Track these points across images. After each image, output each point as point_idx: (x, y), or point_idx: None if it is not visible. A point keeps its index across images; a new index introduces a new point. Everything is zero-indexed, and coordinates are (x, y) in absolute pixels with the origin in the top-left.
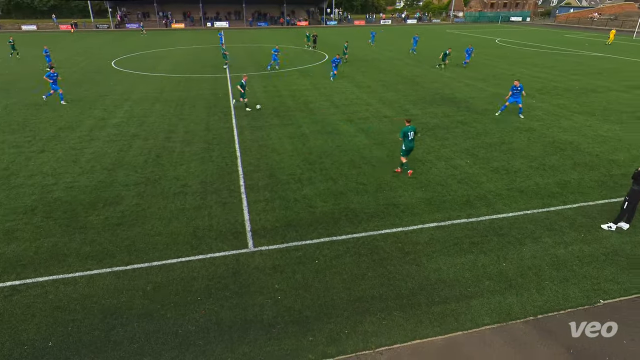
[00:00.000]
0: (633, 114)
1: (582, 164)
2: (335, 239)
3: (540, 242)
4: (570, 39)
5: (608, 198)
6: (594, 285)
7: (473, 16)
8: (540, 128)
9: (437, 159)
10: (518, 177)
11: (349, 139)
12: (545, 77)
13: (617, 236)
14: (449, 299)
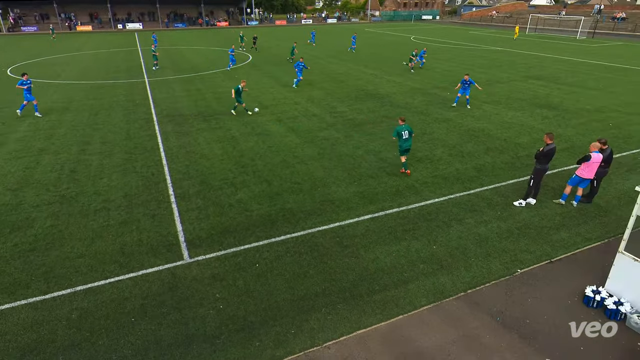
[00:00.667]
0: (531, 102)
1: (494, 149)
2: (275, 241)
3: (464, 223)
4: (474, 35)
5: (517, 177)
6: (512, 257)
7: (388, 15)
8: (456, 118)
9: (366, 153)
10: (440, 165)
11: (280, 139)
12: (457, 70)
13: (527, 211)
14: (388, 286)
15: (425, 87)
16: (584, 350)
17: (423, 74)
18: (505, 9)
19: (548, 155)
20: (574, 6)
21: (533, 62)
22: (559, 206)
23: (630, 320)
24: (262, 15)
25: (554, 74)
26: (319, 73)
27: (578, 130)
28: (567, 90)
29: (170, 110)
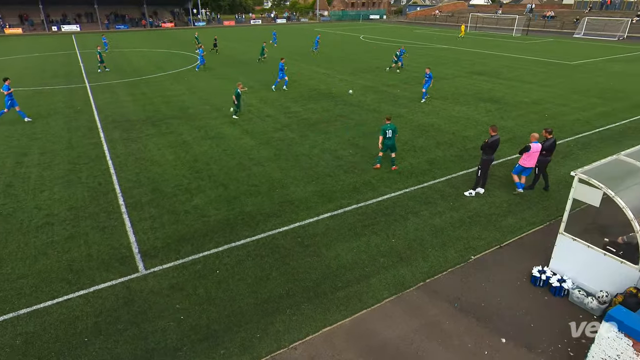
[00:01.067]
0: (475, 96)
1: (444, 143)
2: (235, 245)
3: (420, 215)
4: (420, 33)
5: (466, 169)
6: (466, 244)
7: (337, 15)
8: (407, 114)
9: (322, 152)
10: (395, 160)
11: (234, 142)
12: (405, 68)
13: (476, 200)
14: (350, 282)
15: (376, 85)
16: (534, 326)
17: (374, 72)
18: (447, 8)
19: (492, 146)
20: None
21: (476, 58)
22: (506, 194)
23: (572, 296)
24: (209, 15)
25: (495, 69)
26: (272, 73)
27: (518, 121)
28: (507, 84)
29: (115, 116)
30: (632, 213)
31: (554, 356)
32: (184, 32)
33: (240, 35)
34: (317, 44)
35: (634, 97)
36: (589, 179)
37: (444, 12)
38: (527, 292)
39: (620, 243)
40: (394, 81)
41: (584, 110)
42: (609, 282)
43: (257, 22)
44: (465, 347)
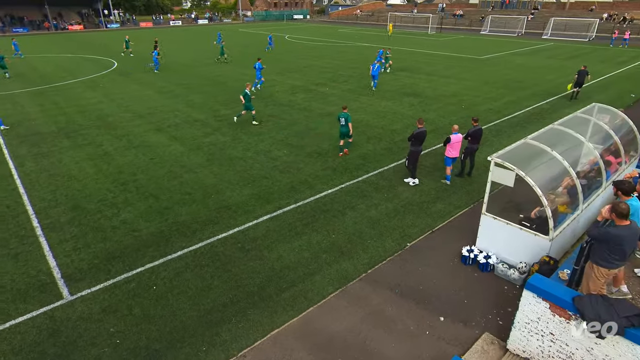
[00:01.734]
0: (399, 91)
1: (373, 137)
2: (171, 258)
3: (357, 209)
4: (343, 32)
5: (396, 161)
6: (401, 233)
7: (261, 15)
8: (337, 112)
9: (257, 154)
10: (329, 158)
11: (162, 150)
12: (332, 67)
13: (408, 190)
14: (295, 282)
15: (305, 84)
16: (467, 302)
17: (301, 72)
18: (367, 7)
19: (419, 138)
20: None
21: (397, 55)
22: (433, 182)
23: (497, 270)
24: (122, 17)
25: (415, 65)
26: (197, 76)
27: (439, 113)
28: (427, 79)
29: (21, 129)
30: (540, 190)
31: (486, 327)
32: (95, 35)
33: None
34: (272, 42)
35: (533, 86)
36: (503, 162)
37: (365, 12)
38: (459, 271)
39: (533, 217)
40: (322, 79)
41: (494, 100)
42: (526, 253)
43: (176, 23)
44: (408, 330)
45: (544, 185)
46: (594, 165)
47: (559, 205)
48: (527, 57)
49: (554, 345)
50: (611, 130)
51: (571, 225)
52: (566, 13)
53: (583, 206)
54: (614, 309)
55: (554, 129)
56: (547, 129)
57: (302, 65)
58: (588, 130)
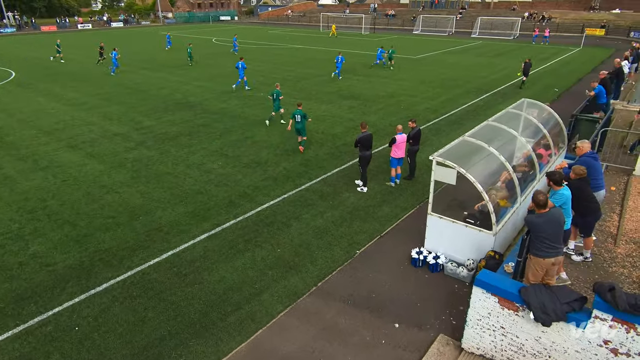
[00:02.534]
0: (337, 94)
1: (314, 142)
2: (95, 292)
3: (302, 219)
4: (275, 34)
5: (339, 166)
6: (349, 240)
7: (183, 17)
8: (274, 117)
9: (188, 168)
10: (269, 167)
11: (77, 170)
12: (265, 70)
13: (353, 196)
14: (241, 304)
15: (237, 90)
16: (420, 305)
17: (233, 76)
18: (298, 8)
19: (363, 142)
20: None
21: (332, 57)
22: (378, 185)
23: (446, 269)
24: (19, 20)
25: (351, 67)
26: (114, 85)
27: (379, 115)
28: (364, 80)
29: None
30: (481, 186)
31: (441, 328)
32: (101, 40)
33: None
34: (236, 45)
35: (467, 84)
36: (444, 160)
37: (296, 12)
38: (410, 274)
39: (476, 211)
40: (256, 83)
41: (431, 99)
42: (472, 250)
43: (86, 26)
44: (364, 342)
45: (484, 181)
46: (527, 159)
47: (499, 200)
48: (459, 55)
49: (505, 339)
50: (540, 124)
51: (512, 218)
52: (491, 12)
53: (521, 199)
54: (556, 296)
55: (489, 125)
56: (483, 125)
57: (233, 70)
58: (520, 125)
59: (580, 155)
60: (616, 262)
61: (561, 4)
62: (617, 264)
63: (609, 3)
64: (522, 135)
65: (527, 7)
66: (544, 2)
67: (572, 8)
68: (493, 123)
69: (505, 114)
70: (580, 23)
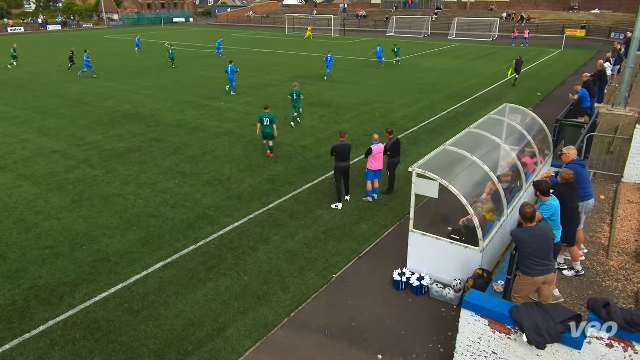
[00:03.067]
0: (305, 101)
1: (282, 156)
2: (31, 336)
3: (271, 242)
4: (236, 38)
5: (311, 181)
6: (325, 264)
7: (131, 19)
8: (237, 129)
9: (140, 188)
10: (232, 184)
11: (7, 193)
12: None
13: (327, 213)
14: (203, 341)
15: (195, 99)
16: (405, 333)
17: (191, 85)
18: (261, 9)
19: (338, 151)
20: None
21: (299, 62)
22: (354, 201)
23: (432, 291)
24: None
25: (320, 71)
26: (51, 96)
27: (352, 124)
28: (335, 86)
29: None
30: (465, 199)
31: (428, 357)
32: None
33: None
34: (220, 47)
35: (446, 89)
36: (425, 172)
37: (259, 14)
38: (392, 299)
39: (461, 226)
40: (215, 93)
41: (409, 107)
42: (459, 269)
43: (17, 29)
44: None
45: (468, 193)
46: (512, 168)
47: (485, 213)
48: (436, 58)
49: None
50: (524, 131)
51: (499, 232)
52: (468, 13)
53: (507, 211)
54: (549, 315)
55: (470, 133)
56: (465, 133)
57: (190, 77)
58: (503, 132)
59: (567, 162)
60: (609, 276)
61: (540, 4)
62: (611, 278)
63: (588, 3)
64: (506, 143)
65: (505, 7)
66: (522, 2)
67: (551, 8)
68: (475, 130)
69: (488, 120)
70: (560, 24)
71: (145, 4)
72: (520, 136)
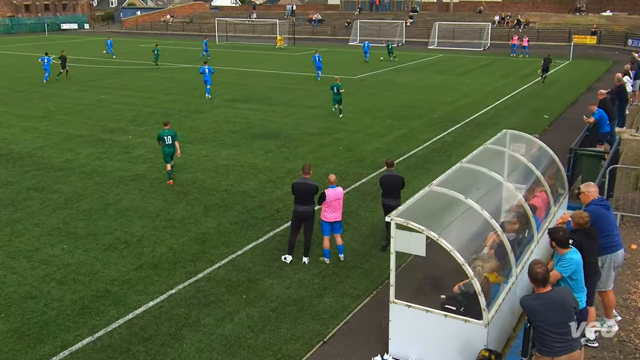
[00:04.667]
0: (246, 132)
1: (214, 206)
2: None
3: (202, 326)
4: (147, 49)
5: (255, 239)
6: (277, 354)
7: (3, 25)
8: (151, 172)
9: (11, 258)
10: (145, 247)
11: None
12: (134, 103)
13: (277, 282)
14: None
15: (92, 133)
16: None
17: (85, 112)
18: (181, 11)
19: (298, 192)
20: (264, 7)
21: (235, 80)
22: (314, 263)
23: None
24: None
25: (265, 93)
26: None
27: (309, 159)
28: (284, 112)
29: None
30: (462, 255)
31: None
32: None
33: None
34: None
35: (429, 113)
36: (406, 222)
37: (179, 18)
38: None
39: (458, 293)
40: (119, 123)
41: (381, 136)
42: (458, 350)
43: None
44: None
45: (464, 249)
46: (519, 213)
47: (487, 274)
48: (413, 73)
49: None
50: (531, 164)
51: (507, 298)
52: (451, 16)
53: (516, 270)
54: None
55: (463, 169)
56: (456, 169)
57: (84, 102)
58: (504, 166)
59: (587, 203)
60: None
61: (539, 5)
62: None
63: (597, 4)
64: (509, 180)
65: (497, 9)
66: (518, 3)
67: (553, 10)
68: (469, 165)
69: (484, 151)
70: (566, 29)
71: (22, 4)
72: (526, 171)
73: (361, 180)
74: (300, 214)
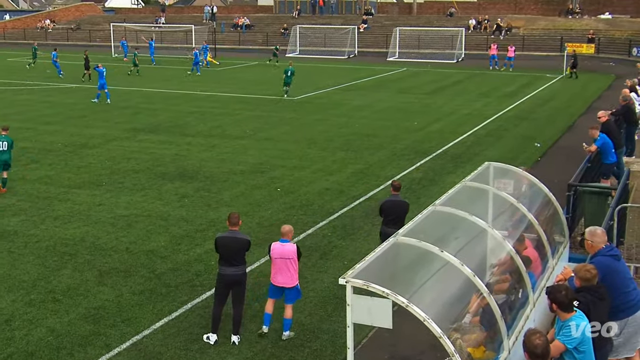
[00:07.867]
0: (152, 172)
1: (112, 271)
2: None
3: None
4: (19, 64)
5: (168, 314)
6: None
7: None
8: (26, 227)
9: None
10: (16, 331)
11: None
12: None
13: None
14: None
15: None
16: None
17: None
18: (66, 15)
19: (222, 249)
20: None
21: (139, 104)
22: (247, 346)
23: None
24: None
25: (177, 119)
26: None
27: (237, 206)
28: (202, 144)
29: None
30: (438, 325)
31: None
32: None
33: None
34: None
35: (391, 142)
36: (367, 284)
37: (62, 23)
38: None
39: None
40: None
41: (331, 174)
42: None
43: None
44: None
45: (442, 316)
46: (509, 268)
47: (471, 349)
48: (370, 93)
49: None
50: (521, 205)
51: None
52: (415, 20)
53: (509, 342)
54: None
55: (437, 213)
56: (428, 213)
57: None
58: (488, 209)
59: (594, 253)
60: None
61: (523, 6)
62: None
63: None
64: (494, 227)
65: (471, 11)
66: (497, 4)
67: (540, 12)
68: (444, 209)
69: (462, 190)
70: (557, 35)
71: None
72: (515, 214)
73: (307, 231)
74: (226, 278)
